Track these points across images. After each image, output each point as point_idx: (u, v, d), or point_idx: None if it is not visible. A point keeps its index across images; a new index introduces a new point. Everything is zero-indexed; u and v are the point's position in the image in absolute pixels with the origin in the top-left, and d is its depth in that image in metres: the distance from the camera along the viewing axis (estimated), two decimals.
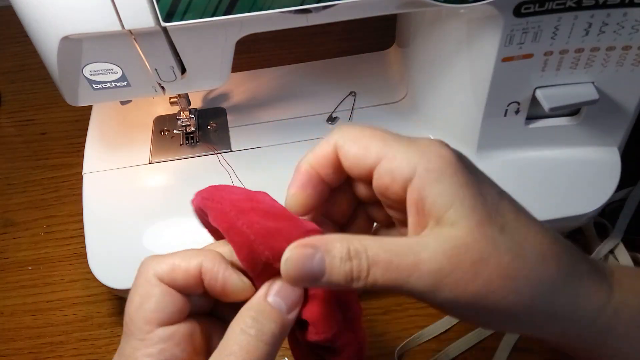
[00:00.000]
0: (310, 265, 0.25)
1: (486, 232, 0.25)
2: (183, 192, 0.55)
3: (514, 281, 0.26)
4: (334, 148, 0.28)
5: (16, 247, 0.61)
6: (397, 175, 0.26)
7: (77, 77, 0.45)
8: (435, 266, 0.25)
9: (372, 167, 0.27)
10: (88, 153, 0.58)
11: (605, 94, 0.49)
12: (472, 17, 0.46)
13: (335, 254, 0.26)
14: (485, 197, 0.26)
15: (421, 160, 0.26)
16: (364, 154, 0.27)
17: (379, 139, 0.28)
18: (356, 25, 0.71)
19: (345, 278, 0.25)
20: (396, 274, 0.25)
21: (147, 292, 0.28)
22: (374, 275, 0.25)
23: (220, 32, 0.44)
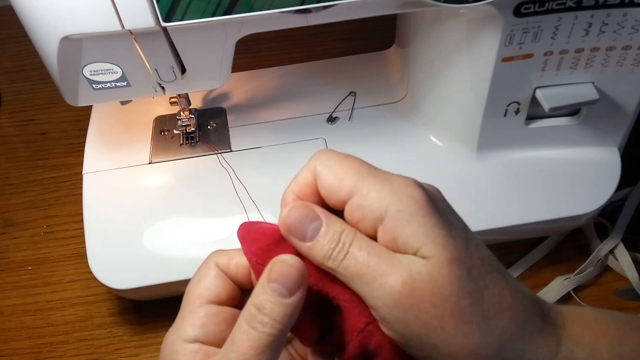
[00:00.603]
0: (306, 225, 0.27)
1: (455, 270, 0.26)
2: (183, 192, 0.55)
3: (466, 324, 0.26)
4: (314, 175, 0.29)
5: (16, 247, 0.61)
6: (368, 213, 0.27)
7: (77, 77, 0.45)
8: (399, 282, 0.26)
9: (345, 199, 0.28)
10: (88, 153, 0.58)
11: (605, 94, 0.49)
12: (472, 17, 0.46)
13: (330, 229, 0.27)
14: (455, 239, 0.27)
15: (392, 201, 0.27)
16: (339, 186, 0.28)
17: (354, 171, 0.28)
18: (356, 25, 0.71)
19: (325, 254, 0.27)
20: (366, 271, 0.26)
21: (204, 273, 0.30)
22: (348, 262, 0.27)
23: (220, 32, 0.44)
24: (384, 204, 0.27)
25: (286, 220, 0.28)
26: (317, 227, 0.27)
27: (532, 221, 0.52)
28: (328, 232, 0.27)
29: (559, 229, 0.58)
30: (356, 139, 0.58)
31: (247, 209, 0.53)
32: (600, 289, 0.56)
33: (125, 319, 0.55)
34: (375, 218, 0.27)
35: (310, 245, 0.27)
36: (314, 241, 0.27)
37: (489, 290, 0.27)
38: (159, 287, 0.49)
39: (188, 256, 0.51)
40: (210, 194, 0.54)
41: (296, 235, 0.28)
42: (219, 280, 0.30)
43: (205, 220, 0.53)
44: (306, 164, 0.29)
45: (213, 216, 0.53)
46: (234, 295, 0.30)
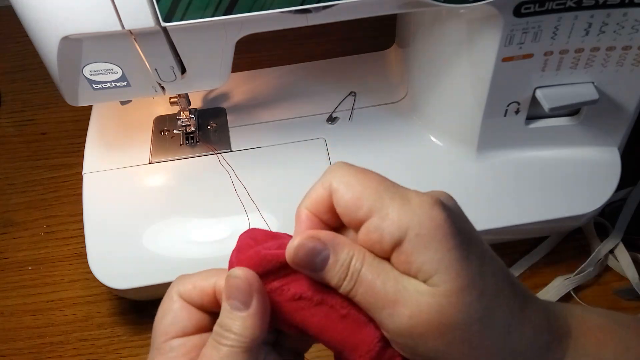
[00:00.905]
0: (315, 259, 0.27)
1: (465, 299, 0.26)
2: (183, 192, 0.55)
3: (474, 350, 0.26)
4: (330, 192, 0.28)
5: (16, 247, 0.61)
6: (387, 235, 0.26)
7: (77, 77, 0.45)
8: (406, 314, 0.26)
9: (362, 220, 0.27)
10: (88, 153, 0.58)
11: (605, 94, 0.49)
12: (472, 17, 0.46)
13: (339, 258, 0.27)
14: (471, 261, 0.27)
15: (412, 223, 0.26)
16: (356, 205, 0.27)
17: (373, 190, 0.27)
18: (356, 25, 0.71)
19: (337, 281, 0.27)
20: (373, 301, 0.27)
21: (168, 307, 0.30)
22: (357, 290, 0.27)
23: (220, 32, 0.44)
24: (403, 227, 0.26)
25: (294, 258, 0.27)
26: (325, 257, 0.27)
27: (532, 221, 0.52)
28: (337, 262, 0.27)
29: (559, 229, 0.58)
30: (356, 139, 0.58)
31: (247, 209, 0.53)
32: (600, 289, 0.56)
33: (125, 319, 0.55)
34: (394, 241, 0.26)
35: (322, 275, 0.27)
36: (324, 271, 0.27)
37: (501, 310, 0.27)
38: (159, 287, 0.49)
39: (188, 256, 0.51)
40: (210, 194, 0.54)
41: (306, 268, 0.28)
42: (183, 312, 0.30)
43: (205, 220, 0.53)
44: (321, 178, 0.29)
45: (213, 216, 0.53)
46: (201, 324, 0.30)
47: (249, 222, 0.52)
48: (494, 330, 0.27)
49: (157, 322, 0.30)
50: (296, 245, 0.27)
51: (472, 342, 0.26)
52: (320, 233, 0.28)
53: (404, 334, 0.26)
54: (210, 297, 0.30)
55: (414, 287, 0.26)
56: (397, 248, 0.26)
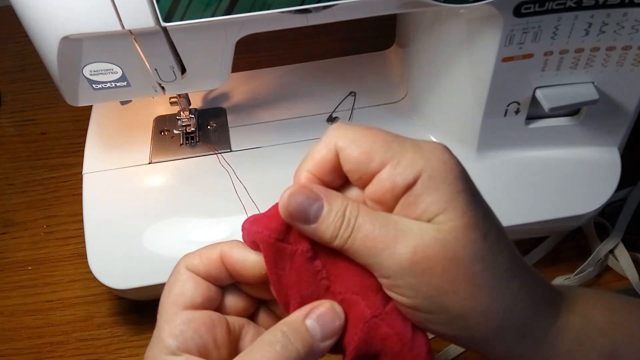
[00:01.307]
0: (308, 207, 0.27)
1: (470, 235, 0.26)
2: (183, 192, 0.55)
3: (477, 288, 0.26)
4: (334, 151, 0.28)
5: (16, 247, 0.61)
6: (400, 181, 0.26)
7: (77, 77, 0.45)
8: (409, 250, 0.26)
9: (374, 172, 0.27)
10: (88, 153, 0.58)
11: (605, 94, 0.49)
12: (472, 17, 0.46)
13: (333, 208, 0.27)
14: (477, 204, 0.27)
15: (426, 166, 0.26)
16: (367, 159, 0.27)
17: (382, 142, 0.27)
18: (356, 25, 0.71)
19: (332, 233, 0.27)
20: (373, 244, 0.26)
21: (175, 280, 0.30)
22: (354, 237, 0.27)
23: (220, 32, 0.44)
24: (417, 170, 0.26)
25: (287, 207, 0.27)
26: (319, 207, 0.27)
27: (532, 221, 0.52)
28: (331, 211, 0.27)
29: (559, 229, 0.58)
30: None
31: (247, 209, 0.53)
32: (600, 289, 0.56)
33: (125, 319, 0.55)
34: (407, 184, 0.26)
35: (315, 226, 0.27)
36: (318, 222, 0.27)
37: (502, 256, 0.27)
38: (159, 287, 0.49)
39: None
40: (210, 194, 0.54)
41: (299, 219, 0.27)
42: (190, 283, 0.30)
43: (205, 220, 0.53)
44: (322, 140, 0.29)
45: (213, 216, 0.53)
46: (209, 296, 0.30)
47: None
48: (497, 271, 0.27)
49: (165, 295, 0.30)
50: (288, 194, 0.27)
51: (475, 280, 0.26)
52: (312, 185, 0.28)
53: (407, 271, 0.26)
54: (217, 264, 0.30)
55: (417, 226, 0.26)
56: (407, 192, 0.26)
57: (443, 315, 0.27)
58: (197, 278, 0.30)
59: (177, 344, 0.28)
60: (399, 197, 0.27)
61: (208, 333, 0.28)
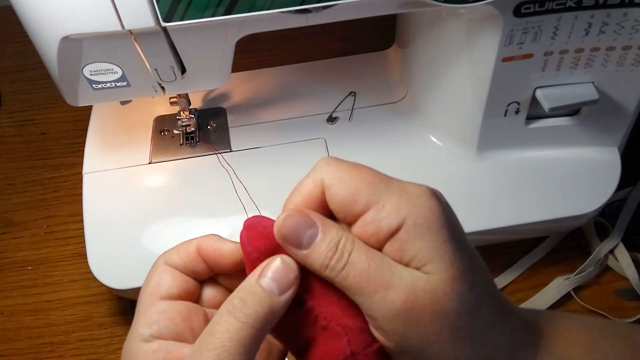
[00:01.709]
0: (302, 232, 0.27)
1: (457, 288, 0.26)
2: (183, 192, 0.55)
3: (461, 340, 0.27)
4: (321, 188, 0.27)
5: (16, 247, 0.61)
6: (384, 225, 0.26)
7: (77, 77, 0.45)
8: (402, 297, 0.26)
9: (359, 214, 0.27)
10: (88, 153, 0.58)
11: (605, 94, 0.49)
12: (472, 17, 0.46)
13: (327, 237, 0.27)
14: (463, 254, 0.27)
15: (410, 213, 0.26)
16: (352, 200, 0.27)
17: (368, 183, 0.27)
18: (356, 25, 0.71)
19: (322, 262, 0.26)
20: (366, 284, 0.26)
21: (153, 273, 0.30)
22: (347, 273, 0.26)
23: (220, 32, 0.44)
24: (401, 217, 0.26)
25: (281, 228, 0.27)
26: (314, 234, 0.27)
27: (532, 221, 0.52)
28: (325, 240, 0.27)
29: (559, 229, 0.58)
30: (356, 139, 0.58)
31: (247, 209, 0.53)
32: (600, 289, 0.56)
33: (125, 319, 0.55)
34: (391, 230, 0.26)
35: (307, 253, 0.27)
36: (310, 249, 0.27)
37: (486, 306, 0.27)
38: None
39: None
40: (210, 194, 0.54)
41: (292, 243, 0.27)
42: (167, 275, 0.30)
43: (205, 220, 0.53)
44: (309, 175, 0.28)
45: (213, 216, 0.53)
46: (186, 288, 0.30)
47: None
48: (480, 323, 0.27)
49: (142, 288, 0.30)
50: (284, 217, 0.27)
51: (459, 333, 0.26)
52: (311, 212, 0.27)
53: (396, 318, 0.26)
54: (194, 255, 0.30)
55: (409, 274, 0.26)
56: (392, 237, 0.26)
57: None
58: (174, 271, 0.30)
59: (151, 332, 0.28)
60: (383, 242, 0.27)
61: (184, 322, 0.29)
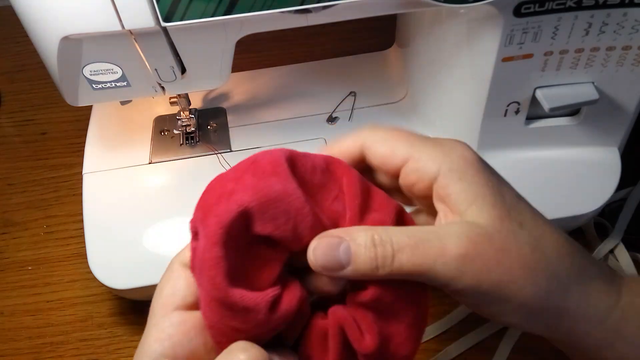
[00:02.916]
0: (336, 253, 0.26)
1: (507, 225, 0.27)
2: (183, 192, 0.55)
3: (533, 272, 0.27)
4: (361, 147, 0.30)
5: (16, 247, 0.61)
6: (423, 174, 0.28)
7: (77, 77, 0.45)
8: (461, 252, 0.26)
9: (399, 166, 0.29)
10: (88, 153, 0.58)
11: (605, 94, 0.49)
12: (472, 17, 0.46)
13: (360, 242, 0.26)
14: (504, 196, 0.28)
15: (445, 161, 0.28)
16: (391, 155, 0.29)
17: (404, 140, 0.29)
18: (356, 25, 0.71)
19: (371, 264, 0.26)
20: (422, 259, 0.26)
21: (167, 278, 0.29)
22: (400, 260, 0.26)
23: (220, 32, 0.44)
24: (436, 165, 0.28)
25: (317, 262, 0.27)
26: (346, 248, 0.26)
27: None
28: (360, 246, 0.26)
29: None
30: None
31: None
32: None
33: (125, 319, 0.55)
34: (430, 177, 0.28)
35: (352, 267, 0.26)
36: (352, 263, 0.26)
37: (545, 238, 0.28)
38: None
39: None
40: None
41: (334, 268, 0.26)
42: (182, 281, 0.28)
43: None
44: (351, 136, 0.31)
45: None
46: None
47: None
48: (544, 253, 0.27)
49: (155, 296, 0.29)
50: (312, 248, 0.27)
51: (529, 265, 0.27)
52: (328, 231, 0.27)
53: (464, 274, 0.26)
54: None
55: (456, 228, 0.27)
56: (434, 184, 0.28)
57: (506, 306, 0.27)
58: (189, 275, 0.28)
59: (162, 349, 0.27)
60: (425, 191, 0.29)
61: (199, 336, 0.27)
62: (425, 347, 0.52)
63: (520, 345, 0.51)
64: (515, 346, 0.51)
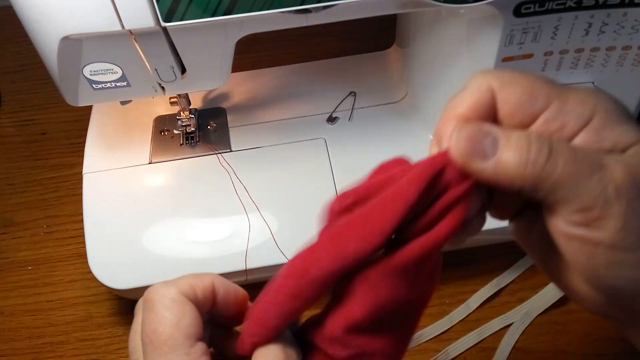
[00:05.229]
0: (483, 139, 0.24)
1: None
2: (183, 192, 0.55)
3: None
4: (490, 94, 0.25)
5: (16, 247, 0.61)
6: (573, 118, 0.24)
7: (77, 77, 0.45)
8: (621, 170, 0.23)
9: (539, 112, 0.24)
10: (88, 153, 0.58)
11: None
12: (472, 17, 0.46)
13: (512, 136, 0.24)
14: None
15: (598, 102, 0.24)
16: (530, 97, 0.24)
17: (542, 81, 0.25)
18: (356, 25, 0.71)
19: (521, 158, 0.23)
20: (581, 167, 0.23)
21: (181, 310, 0.27)
22: (555, 161, 0.23)
23: (220, 32, 0.44)
24: (590, 106, 0.24)
25: (458, 142, 0.24)
26: (495, 138, 0.24)
27: None
28: (510, 139, 0.23)
29: None
30: (356, 139, 0.58)
31: (247, 209, 0.53)
32: None
33: (125, 319, 0.55)
34: (581, 122, 0.24)
35: (497, 159, 0.23)
36: (499, 152, 0.23)
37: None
38: None
39: (188, 256, 0.51)
40: (210, 194, 0.54)
41: (476, 154, 0.24)
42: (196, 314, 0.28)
43: (205, 221, 0.53)
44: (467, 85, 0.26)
45: (213, 216, 0.53)
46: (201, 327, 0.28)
47: (249, 222, 0.52)
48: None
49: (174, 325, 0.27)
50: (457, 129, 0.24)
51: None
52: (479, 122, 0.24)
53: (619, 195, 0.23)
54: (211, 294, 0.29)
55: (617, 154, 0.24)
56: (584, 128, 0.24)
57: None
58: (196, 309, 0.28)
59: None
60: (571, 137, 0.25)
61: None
62: (425, 347, 0.52)
63: (520, 345, 0.51)
64: (515, 346, 0.51)
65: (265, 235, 0.51)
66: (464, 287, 0.55)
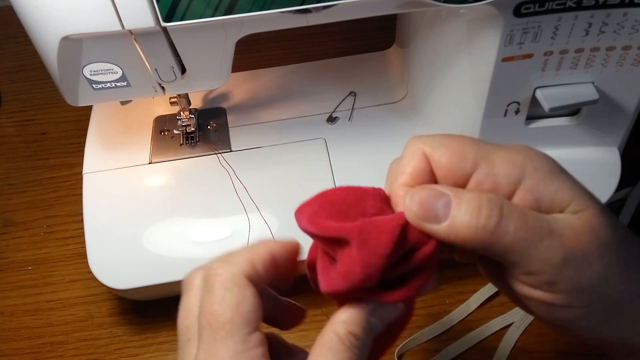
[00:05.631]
0: (435, 203, 0.24)
1: (608, 220, 0.25)
2: (183, 192, 0.55)
3: (628, 270, 0.25)
4: (424, 159, 0.26)
5: (16, 247, 0.61)
6: (502, 178, 0.25)
7: (77, 77, 0.45)
8: (567, 240, 0.24)
9: (469, 173, 0.25)
10: (88, 153, 0.58)
11: (605, 94, 0.49)
12: (472, 17, 0.46)
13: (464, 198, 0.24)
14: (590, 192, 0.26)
15: (527, 161, 0.25)
16: (459, 160, 0.25)
17: (469, 142, 0.26)
18: (356, 25, 0.71)
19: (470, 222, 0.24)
20: (530, 234, 0.24)
21: (242, 293, 0.26)
22: (506, 226, 0.23)
23: (220, 32, 0.44)
24: (518, 166, 0.25)
25: (411, 207, 0.24)
26: (447, 201, 0.24)
27: None
28: (462, 201, 0.24)
29: None
30: (356, 139, 0.58)
31: (247, 209, 0.53)
32: None
33: (125, 319, 0.55)
34: (512, 182, 0.25)
35: (449, 223, 0.24)
36: (451, 217, 0.24)
37: (630, 235, 0.26)
38: (159, 287, 0.49)
39: (188, 256, 0.51)
40: (210, 194, 0.54)
41: (429, 218, 0.24)
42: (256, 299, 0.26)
43: (205, 221, 0.53)
44: (404, 153, 0.27)
45: (213, 216, 0.53)
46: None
47: (249, 222, 0.52)
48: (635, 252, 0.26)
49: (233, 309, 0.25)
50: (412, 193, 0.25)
51: (625, 262, 0.25)
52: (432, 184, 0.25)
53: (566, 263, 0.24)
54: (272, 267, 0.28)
55: (561, 217, 0.24)
56: (518, 190, 0.25)
57: (598, 306, 0.25)
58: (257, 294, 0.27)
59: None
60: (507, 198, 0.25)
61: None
62: (425, 347, 0.52)
63: (520, 345, 0.51)
64: (515, 346, 0.51)
65: (265, 235, 0.51)
66: (464, 287, 0.55)
